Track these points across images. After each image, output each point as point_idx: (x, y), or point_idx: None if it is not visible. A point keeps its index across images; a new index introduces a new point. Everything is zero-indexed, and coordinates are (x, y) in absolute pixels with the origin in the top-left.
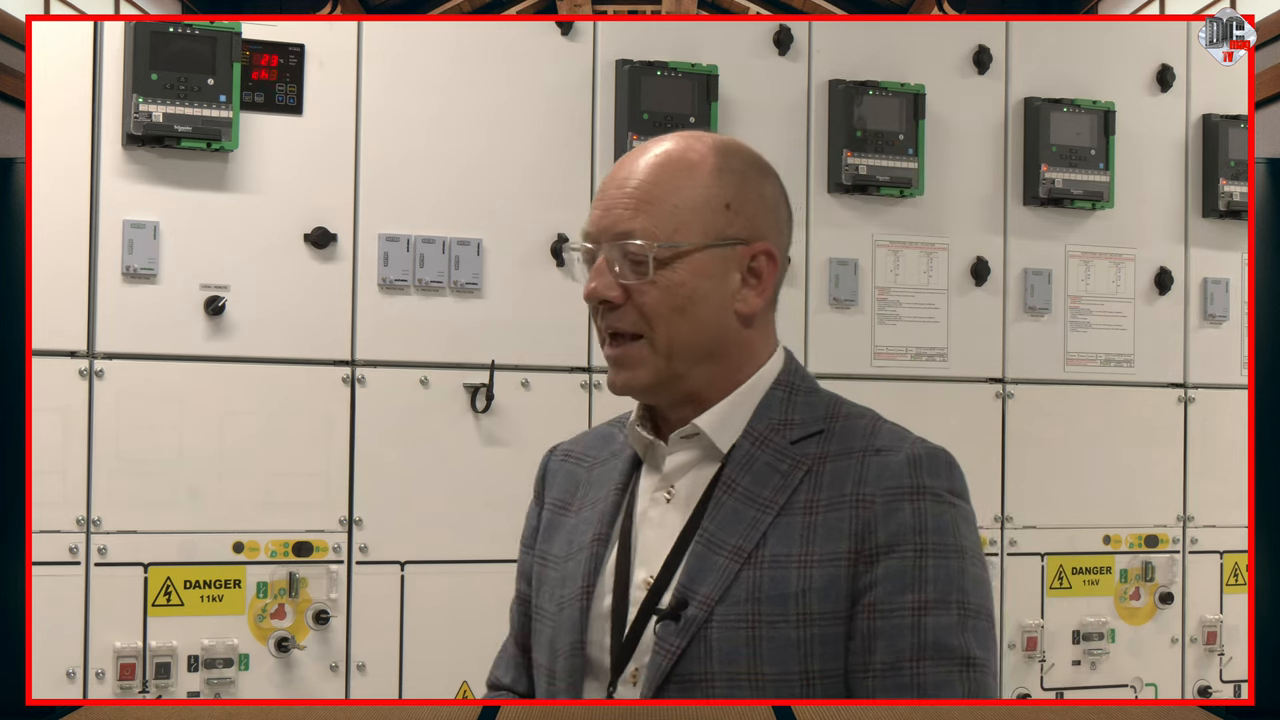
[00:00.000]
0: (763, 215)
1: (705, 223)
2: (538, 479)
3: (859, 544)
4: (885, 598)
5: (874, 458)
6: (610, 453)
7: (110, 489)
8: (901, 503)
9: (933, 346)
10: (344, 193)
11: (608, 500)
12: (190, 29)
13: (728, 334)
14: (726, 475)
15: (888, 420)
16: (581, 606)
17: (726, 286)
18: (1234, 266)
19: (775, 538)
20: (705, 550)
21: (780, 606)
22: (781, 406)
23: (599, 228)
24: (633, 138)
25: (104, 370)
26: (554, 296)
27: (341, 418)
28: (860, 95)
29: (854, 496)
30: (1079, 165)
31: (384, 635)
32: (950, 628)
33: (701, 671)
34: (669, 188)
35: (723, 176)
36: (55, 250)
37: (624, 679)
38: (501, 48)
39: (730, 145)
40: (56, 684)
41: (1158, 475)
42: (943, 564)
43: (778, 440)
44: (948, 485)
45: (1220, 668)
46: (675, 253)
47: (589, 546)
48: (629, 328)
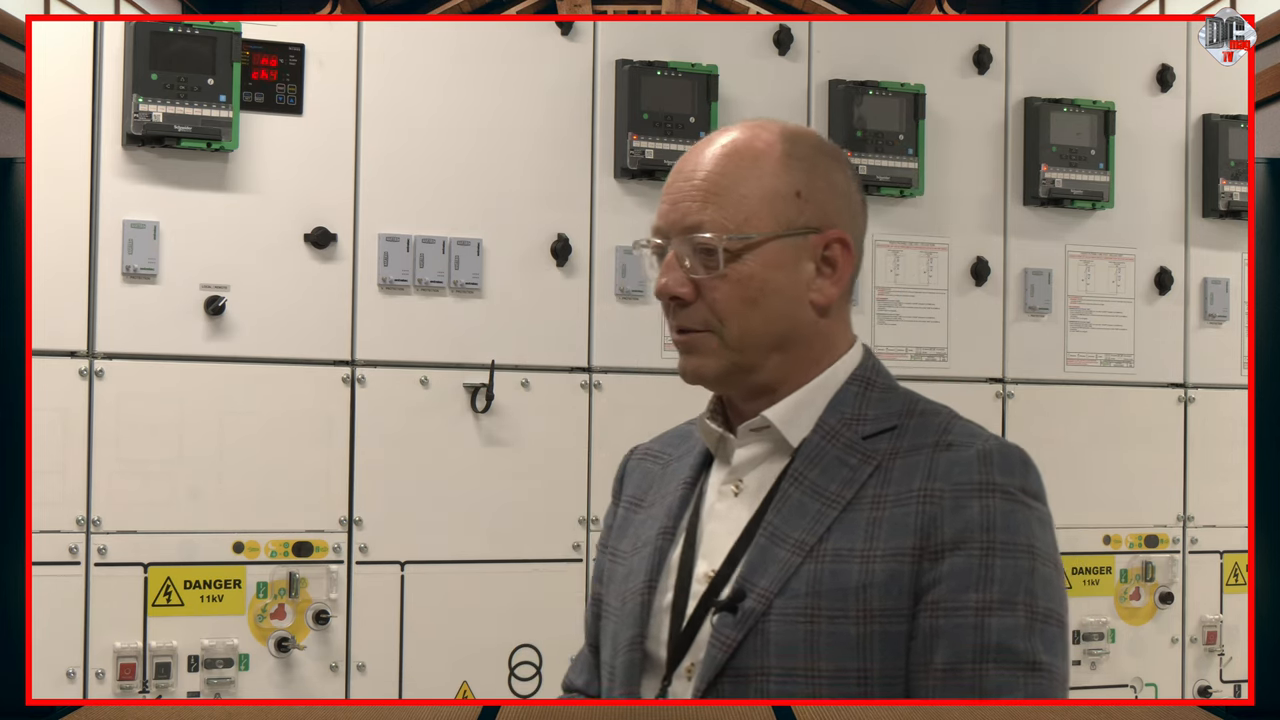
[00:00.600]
0: (834, 202)
1: (775, 212)
2: (616, 479)
3: (924, 540)
4: (948, 596)
5: (944, 453)
6: (686, 449)
7: (110, 489)
8: (970, 499)
9: (933, 346)
10: (344, 193)
11: (675, 494)
12: (190, 29)
13: (802, 325)
14: (795, 468)
15: (964, 418)
16: (643, 601)
17: (800, 277)
18: (1234, 266)
19: (839, 532)
20: (767, 543)
21: (840, 601)
22: (855, 401)
23: (667, 222)
24: (633, 138)
25: (104, 370)
26: (554, 296)
27: (341, 418)
28: (860, 95)
29: (922, 492)
30: (1079, 165)
31: (384, 635)
32: (1017, 630)
33: (757, 665)
34: (736, 178)
35: (791, 164)
36: (55, 250)
37: (679, 673)
38: (501, 48)
39: (798, 132)
40: (56, 684)
41: (1158, 475)
42: (1010, 563)
43: (849, 435)
44: (1020, 483)
45: (1220, 668)
46: (746, 244)
47: (654, 541)
48: (699, 325)
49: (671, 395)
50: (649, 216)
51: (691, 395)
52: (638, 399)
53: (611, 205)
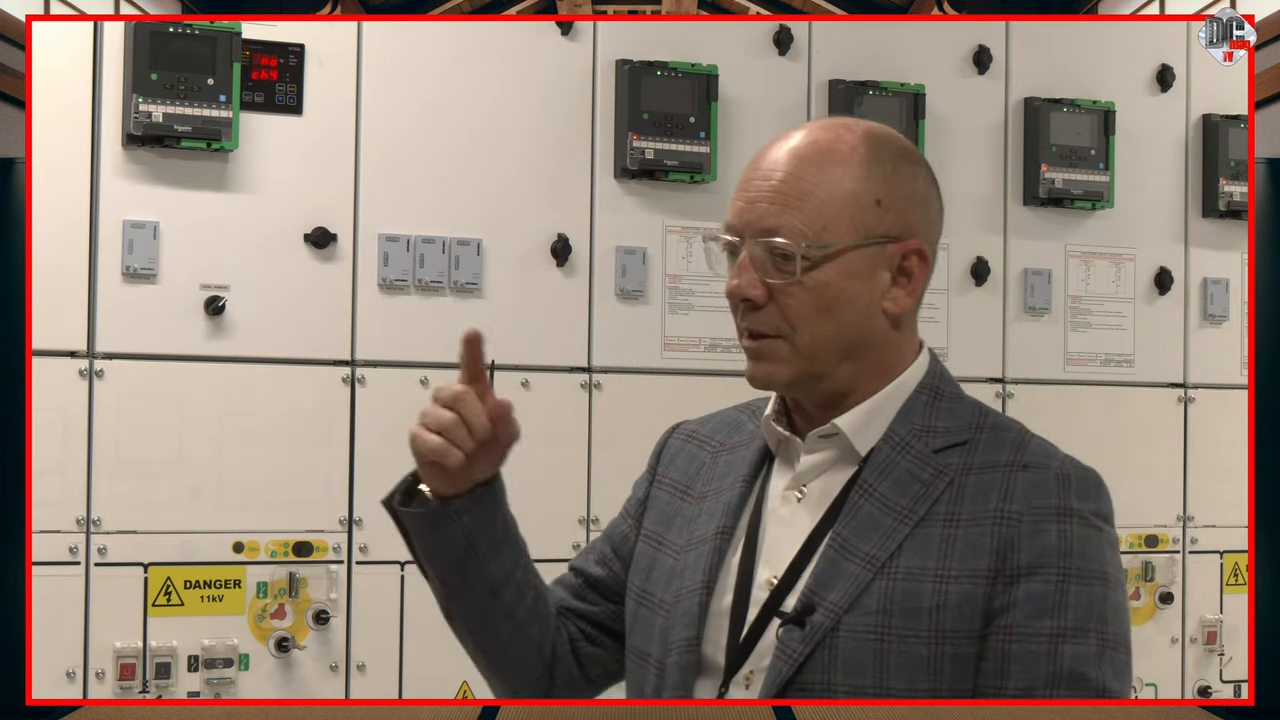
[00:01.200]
0: (914, 210)
1: (855, 220)
2: (654, 453)
3: (1000, 562)
4: (1023, 621)
5: (1021, 473)
6: (739, 441)
7: (110, 489)
8: (1048, 523)
9: (933, 346)
10: (344, 193)
11: (734, 491)
12: (190, 29)
13: (875, 334)
14: (864, 479)
15: (1035, 434)
16: (701, 601)
17: (875, 286)
18: (1234, 266)
19: (911, 549)
20: (837, 555)
21: (912, 621)
22: (925, 411)
23: (743, 221)
24: (633, 138)
25: (104, 370)
26: (554, 296)
27: (341, 418)
28: (860, 95)
29: (998, 513)
30: (1079, 165)
31: (384, 635)
32: (1088, 658)
33: (824, 681)
34: (816, 181)
35: (873, 170)
36: (55, 250)
37: (737, 680)
38: (501, 48)
39: (882, 134)
40: (56, 684)
41: (1158, 475)
42: (1085, 590)
43: (919, 447)
44: (1095, 508)
45: (1220, 668)
46: (825, 253)
47: (712, 540)
48: (769, 330)
49: (671, 395)
50: (649, 216)
51: (691, 396)
52: (638, 399)
53: (611, 205)
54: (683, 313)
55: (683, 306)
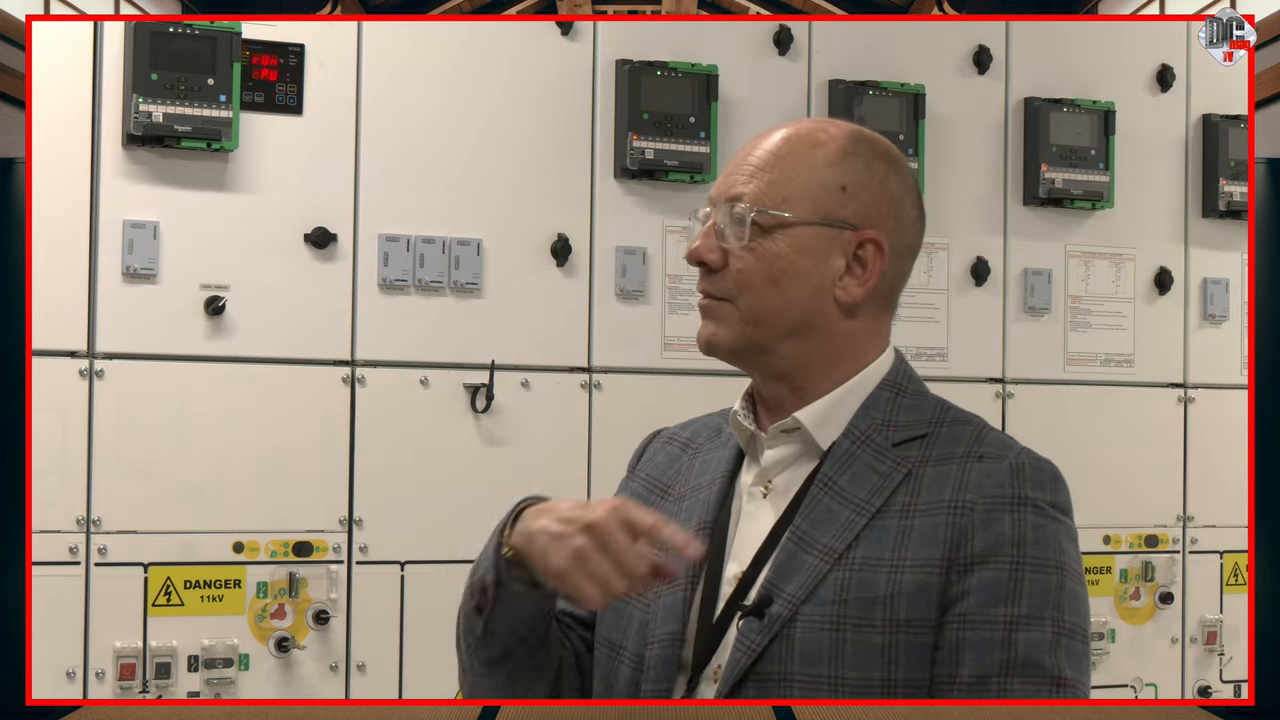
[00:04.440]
0: (881, 205)
1: (816, 200)
2: (635, 455)
3: (953, 551)
4: (977, 609)
5: (976, 464)
6: (719, 443)
7: (110, 489)
8: (1002, 512)
9: (933, 346)
10: (344, 193)
11: (712, 489)
12: (190, 29)
13: (823, 318)
14: (824, 473)
15: (995, 428)
16: (684, 598)
17: (827, 270)
18: (1234, 266)
19: (868, 540)
20: (795, 548)
21: (867, 611)
22: (886, 407)
23: (717, 192)
24: (633, 138)
25: (104, 370)
26: (554, 296)
27: (341, 418)
28: (860, 95)
29: (953, 502)
30: (1079, 165)
31: (384, 635)
32: (1043, 645)
33: (781, 671)
34: (790, 160)
35: (846, 159)
36: (55, 250)
37: (706, 675)
38: (501, 48)
39: (867, 136)
40: (56, 684)
41: (1158, 475)
42: (1040, 578)
43: (879, 441)
44: (1051, 498)
45: (1220, 668)
46: (778, 222)
47: (693, 535)
48: (719, 293)
49: (671, 395)
50: (649, 216)
51: (691, 396)
52: (638, 399)
53: (611, 205)
54: (683, 313)
55: (683, 306)
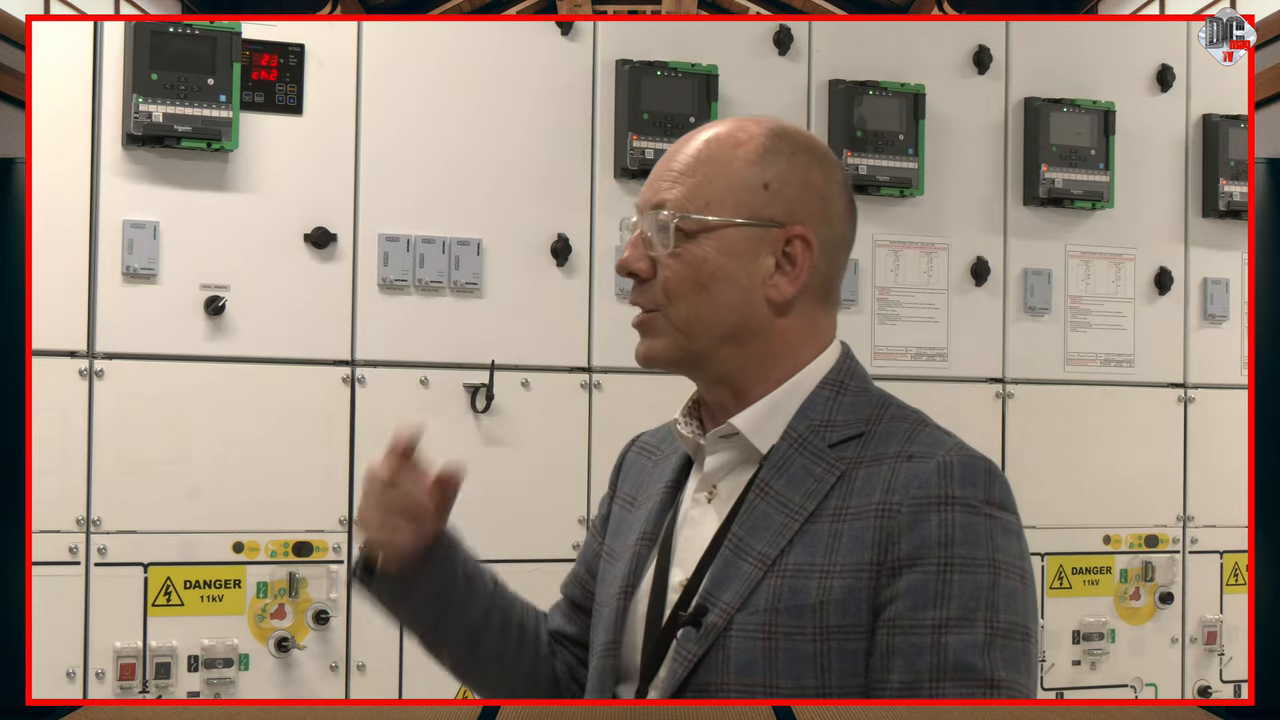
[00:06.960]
0: (805, 200)
1: (739, 200)
2: (614, 469)
3: (881, 555)
4: (905, 613)
5: (905, 464)
6: (672, 449)
7: (110, 489)
8: (928, 513)
9: (933, 346)
10: (344, 193)
11: (658, 498)
12: (190, 29)
13: (756, 319)
14: (761, 478)
15: (933, 424)
16: (618, 607)
17: (756, 270)
18: (1234, 266)
19: (801, 545)
20: (732, 555)
21: (797, 618)
22: (826, 406)
23: (642, 200)
24: (633, 138)
25: (104, 370)
26: (554, 296)
27: (341, 418)
28: (860, 95)
29: (881, 505)
30: (1079, 165)
31: (384, 635)
32: (975, 647)
33: (717, 681)
34: (711, 163)
35: (767, 157)
36: (55, 250)
37: (655, 684)
38: (501, 48)
39: (787, 129)
40: (56, 684)
41: (1158, 475)
42: (969, 579)
43: (816, 443)
44: (983, 495)
45: (1220, 668)
46: (703, 226)
47: (634, 545)
48: (649, 304)
49: (671, 395)
50: None
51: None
52: (638, 399)
53: (611, 205)
54: None
55: None
